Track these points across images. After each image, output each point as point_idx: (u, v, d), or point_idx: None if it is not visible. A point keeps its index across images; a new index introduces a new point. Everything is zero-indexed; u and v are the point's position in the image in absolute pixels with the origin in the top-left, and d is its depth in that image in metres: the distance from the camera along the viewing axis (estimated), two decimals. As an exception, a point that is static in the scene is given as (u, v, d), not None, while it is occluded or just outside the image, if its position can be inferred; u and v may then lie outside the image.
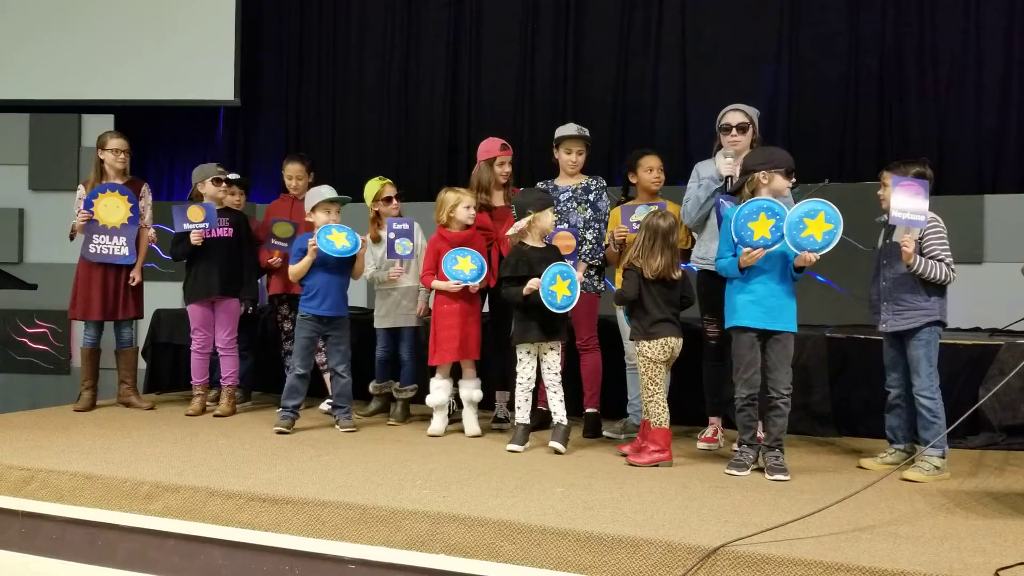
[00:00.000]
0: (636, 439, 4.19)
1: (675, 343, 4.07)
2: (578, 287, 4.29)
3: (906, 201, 3.69)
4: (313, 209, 4.84)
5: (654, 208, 4.21)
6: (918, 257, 3.78)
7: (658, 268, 4.02)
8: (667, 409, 4.02)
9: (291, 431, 4.68)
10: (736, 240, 3.82)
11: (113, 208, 5.33)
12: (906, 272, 3.83)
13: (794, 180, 4.01)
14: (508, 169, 4.97)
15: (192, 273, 5.23)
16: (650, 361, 4.03)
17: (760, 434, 3.98)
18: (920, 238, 3.82)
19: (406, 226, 4.90)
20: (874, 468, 3.97)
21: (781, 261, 3.86)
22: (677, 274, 4.08)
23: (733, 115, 4.42)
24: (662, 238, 4.03)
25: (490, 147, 4.97)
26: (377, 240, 5.11)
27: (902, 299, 3.90)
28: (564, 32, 7.34)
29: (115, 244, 5.32)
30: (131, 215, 5.35)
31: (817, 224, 3.72)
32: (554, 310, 4.22)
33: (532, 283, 4.23)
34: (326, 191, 4.88)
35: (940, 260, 3.83)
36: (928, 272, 3.80)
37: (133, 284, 5.37)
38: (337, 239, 4.69)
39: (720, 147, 4.47)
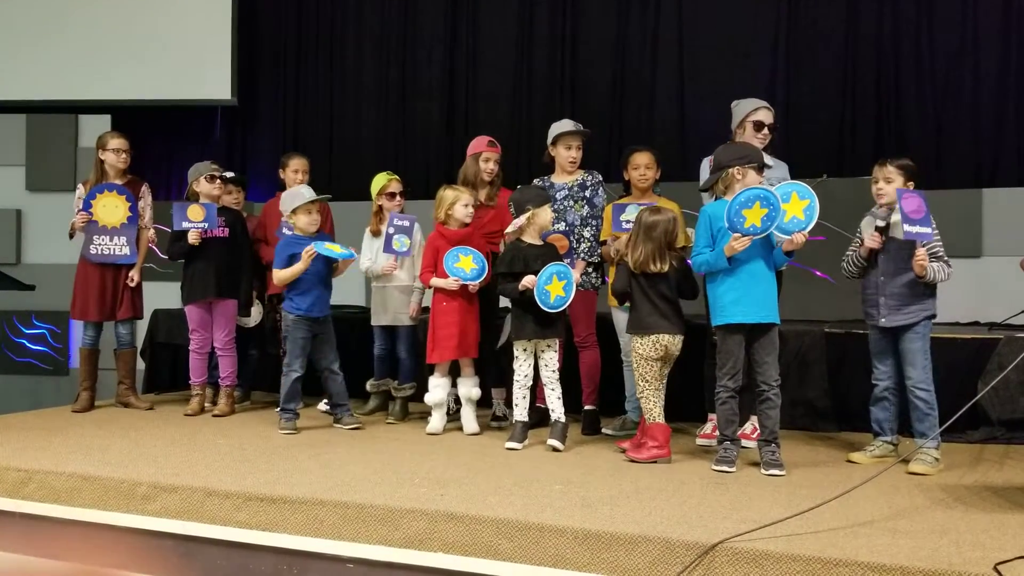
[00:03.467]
0: (636, 435, 4.18)
1: (669, 340, 4.01)
2: (573, 288, 4.28)
3: (912, 214, 3.70)
4: (294, 211, 4.75)
5: (643, 207, 4.21)
6: (930, 267, 3.81)
7: (638, 260, 4.01)
8: (660, 405, 4.01)
9: (297, 432, 4.68)
10: (727, 226, 3.81)
11: (112, 208, 5.32)
12: (907, 269, 3.84)
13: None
14: (493, 167, 4.96)
15: (189, 274, 5.22)
16: (641, 357, 4.02)
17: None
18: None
19: (406, 223, 4.90)
20: (862, 461, 3.99)
21: (763, 252, 3.85)
22: (657, 267, 4.01)
23: (767, 113, 4.39)
24: (645, 231, 4.03)
25: (478, 143, 5.00)
26: (377, 234, 5.12)
27: (902, 295, 3.90)
28: (561, 30, 7.34)
29: (116, 244, 5.32)
30: (130, 215, 5.34)
31: (794, 205, 3.76)
32: (546, 309, 4.21)
33: (527, 280, 4.23)
34: (307, 192, 4.82)
35: (940, 257, 3.86)
36: (936, 276, 3.83)
37: (132, 285, 5.36)
38: (334, 247, 4.72)
39: (731, 140, 4.44)
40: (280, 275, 4.76)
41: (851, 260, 4.11)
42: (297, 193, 4.83)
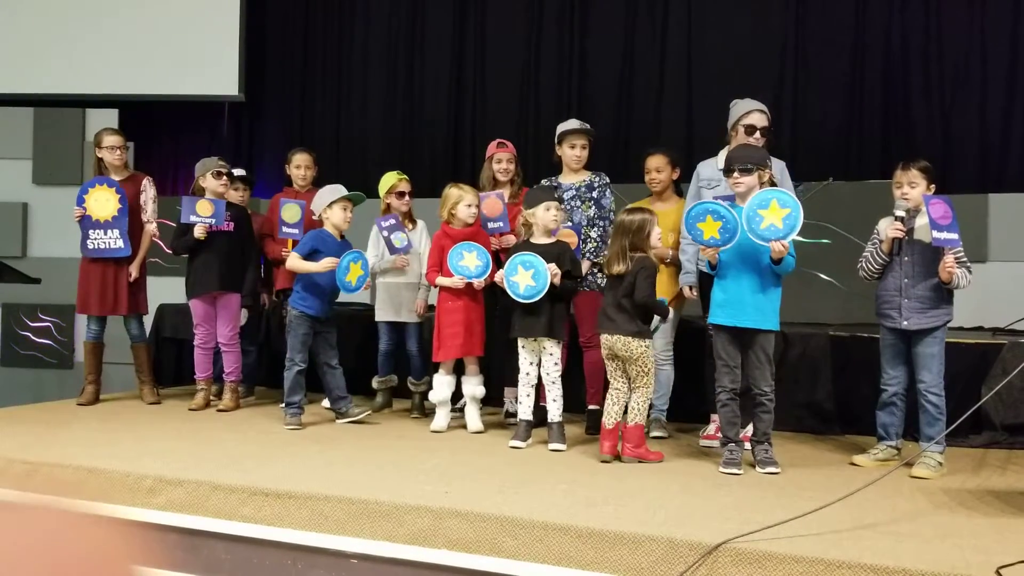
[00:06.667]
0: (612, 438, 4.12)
1: (610, 340, 3.98)
2: (546, 278, 4.18)
3: (940, 219, 3.70)
4: (329, 205, 4.82)
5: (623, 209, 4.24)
6: (956, 273, 3.81)
7: (606, 261, 4.09)
8: (616, 404, 3.96)
9: (302, 427, 4.69)
10: (690, 239, 3.86)
11: (103, 202, 5.31)
12: (932, 273, 3.85)
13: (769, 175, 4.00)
14: (507, 166, 4.98)
15: (193, 268, 5.22)
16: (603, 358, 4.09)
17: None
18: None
19: (392, 221, 4.99)
20: (866, 464, 3.98)
21: (756, 257, 3.82)
22: (617, 268, 3.99)
23: (759, 116, 4.30)
24: (615, 232, 4.10)
25: (489, 147, 5.08)
26: None
27: (927, 298, 3.90)
28: (569, 31, 7.34)
29: (110, 238, 5.31)
30: (120, 207, 5.32)
31: (773, 212, 3.69)
32: (518, 300, 4.22)
33: (497, 275, 4.26)
34: (343, 188, 4.88)
35: (964, 263, 3.86)
36: (960, 283, 3.85)
37: (131, 280, 5.33)
38: (353, 274, 4.68)
39: (727, 143, 4.43)
40: (296, 263, 4.77)
41: (870, 259, 4.05)
42: (334, 189, 4.88)
